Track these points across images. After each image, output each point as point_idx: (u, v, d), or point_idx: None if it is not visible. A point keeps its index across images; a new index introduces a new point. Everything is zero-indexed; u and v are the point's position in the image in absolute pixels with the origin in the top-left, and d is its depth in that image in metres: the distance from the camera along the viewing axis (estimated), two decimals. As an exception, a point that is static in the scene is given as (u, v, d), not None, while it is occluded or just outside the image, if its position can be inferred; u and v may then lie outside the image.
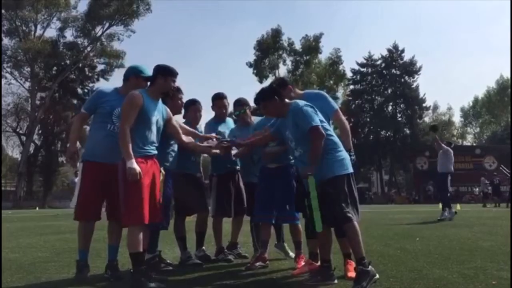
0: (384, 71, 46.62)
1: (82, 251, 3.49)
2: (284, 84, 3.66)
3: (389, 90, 46.53)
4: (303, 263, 3.74)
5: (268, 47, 43.78)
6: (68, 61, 39.89)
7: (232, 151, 3.97)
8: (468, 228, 7.47)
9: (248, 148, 3.94)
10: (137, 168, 3.01)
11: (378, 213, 14.33)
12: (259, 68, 43.86)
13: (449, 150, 9.76)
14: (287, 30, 73.94)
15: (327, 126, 3.25)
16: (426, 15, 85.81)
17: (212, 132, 4.19)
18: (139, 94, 3.18)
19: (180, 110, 4.03)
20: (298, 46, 44.63)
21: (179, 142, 3.74)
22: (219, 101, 4.45)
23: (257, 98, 3.49)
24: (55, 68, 39.96)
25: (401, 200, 36.80)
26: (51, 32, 50.77)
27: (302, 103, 3.25)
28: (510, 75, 46.37)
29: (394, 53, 46.48)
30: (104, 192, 3.44)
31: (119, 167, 3.10)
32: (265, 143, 3.74)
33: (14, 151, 47.36)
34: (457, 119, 57.96)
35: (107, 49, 40.05)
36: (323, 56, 45.31)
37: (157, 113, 3.27)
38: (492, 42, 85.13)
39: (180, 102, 3.98)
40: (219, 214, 4.34)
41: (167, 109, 3.49)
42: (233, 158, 4.25)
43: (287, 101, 3.38)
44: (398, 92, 45.56)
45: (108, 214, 3.52)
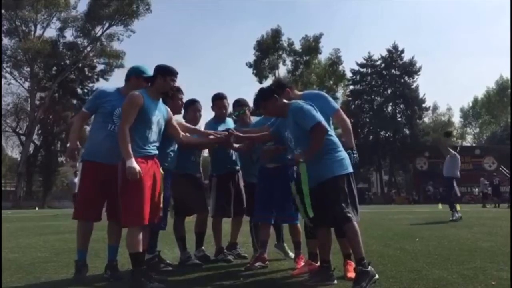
0: (383, 71, 46.65)
1: (80, 251, 3.49)
2: (282, 86, 3.57)
3: (389, 91, 46.56)
4: (302, 264, 3.74)
5: (268, 47, 43.83)
6: (67, 61, 39.92)
7: (234, 144, 3.94)
8: (468, 228, 7.47)
9: (248, 143, 3.93)
10: (137, 167, 3.00)
11: (378, 214, 14.33)
12: (259, 68, 43.90)
13: (456, 156, 9.96)
14: (287, 30, 74.07)
15: (327, 125, 3.25)
16: (426, 15, 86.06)
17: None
18: (139, 94, 3.18)
19: (180, 110, 4.03)
20: (298, 46, 44.75)
21: (179, 142, 3.74)
22: (219, 101, 4.44)
23: (257, 100, 3.47)
24: (54, 68, 39.99)
25: (401, 201, 36.82)
26: (51, 32, 50.95)
27: (302, 102, 3.25)
28: (510, 76, 46.49)
29: (394, 53, 46.50)
30: (104, 192, 3.44)
31: (119, 167, 3.10)
32: (264, 141, 3.73)
33: (13, 151, 47.49)
34: (456, 119, 58.10)
35: (107, 49, 40.08)
36: (323, 57, 45.51)
37: (158, 113, 3.27)
38: (492, 42, 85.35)
39: (180, 102, 3.98)
40: (218, 214, 4.34)
41: (168, 109, 3.49)
42: (233, 158, 4.25)
43: (286, 101, 3.38)
44: (397, 93, 45.59)
45: (108, 214, 3.52)
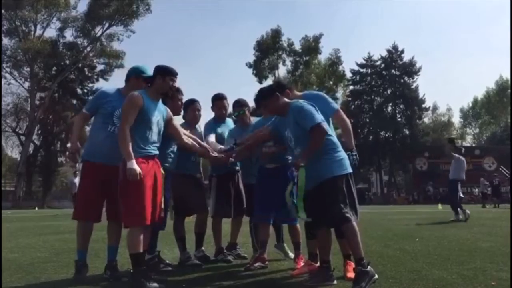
0: (383, 71, 46.64)
1: (80, 251, 3.49)
2: (282, 87, 3.56)
3: (389, 91, 46.54)
4: (302, 264, 3.74)
5: (268, 48, 43.79)
6: (67, 61, 39.88)
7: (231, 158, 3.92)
8: (468, 229, 7.48)
9: (247, 151, 3.93)
10: (137, 168, 3.00)
11: (378, 214, 14.33)
12: (259, 68, 43.86)
13: (460, 159, 10.04)
14: (287, 31, 74.03)
15: (327, 126, 3.25)
16: (426, 15, 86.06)
17: (212, 133, 4.21)
18: (139, 94, 3.18)
19: (179, 111, 4.03)
20: (297, 46, 44.70)
21: (179, 143, 3.74)
22: (219, 101, 4.45)
23: (258, 98, 3.48)
24: (54, 68, 39.94)
25: (401, 201, 36.81)
26: (50, 32, 50.84)
27: (303, 101, 3.26)
28: (510, 76, 46.52)
29: (394, 53, 46.49)
30: (104, 192, 3.44)
31: (120, 167, 3.10)
32: (262, 141, 3.73)
33: (13, 151, 47.40)
34: (456, 119, 58.12)
35: (106, 49, 40.04)
36: (323, 57, 45.44)
37: (157, 113, 3.27)
38: (492, 42, 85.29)
39: (180, 103, 3.98)
40: (218, 214, 4.34)
41: (168, 110, 3.49)
42: (232, 161, 4.25)
43: (287, 100, 3.38)
44: (397, 93, 45.58)
45: (108, 214, 3.51)
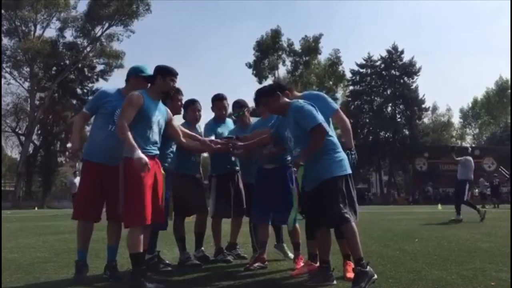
0: (383, 72, 46.59)
1: (81, 251, 3.49)
2: (282, 88, 3.52)
3: (389, 91, 46.50)
4: (302, 264, 3.74)
5: (268, 48, 43.75)
6: (67, 61, 39.83)
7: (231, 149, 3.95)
8: (467, 229, 7.48)
9: (247, 151, 3.94)
10: (144, 158, 2.98)
11: (377, 214, 14.33)
12: (259, 68, 43.82)
13: (467, 159, 10.02)
14: (287, 31, 73.82)
15: (327, 127, 3.26)
16: (426, 15, 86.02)
17: (212, 133, 4.20)
18: (139, 94, 3.18)
19: (179, 111, 4.03)
20: (297, 46, 44.65)
21: (178, 143, 3.74)
22: (219, 102, 4.45)
23: (259, 95, 3.48)
24: (54, 68, 39.88)
25: (401, 201, 36.81)
26: (50, 32, 50.76)
27: (303, 101, 3.26)
28: (510, 76, 46.50)
29: (394, 54, 46.45)
30: (104, 192, 3.44)
31: (120, 167, 3.10)
32: (263, 145, 3.73)
33: (13, 151, 47.36)
34: (456, 120, 58.11)
35: (106, 50, 40.00)
36: (323, 57, 45.36)
37: (158, 113, 3.27)
38: (492, 42, 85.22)
39: (180, 103, 3.99)
40: (218, 214, 4.34)
41: (168, 110, 3.49)
42: (232, 158, 4.27)
43: (287, 100, 3.38)
44: (397, 93, 45.54)
45: (108, 214, 3.51)
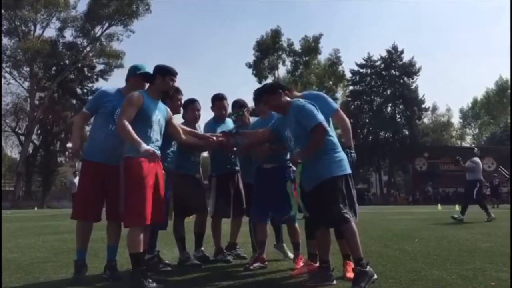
0: (383, 72, 46.58)
1: (80, 251, 3.49)
2: (282, 88, 3.48)
3: (388, 91, 46.49)
4: (302, 264, 3.74)
5: (268, 48, 43.73)
6: (67, 61, 39.81)
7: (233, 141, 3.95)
8: (467, 229, 7.48)
9: (246, 149, 3.93)
10: (151, 148, 3.05)
11: (377, 214, 14.33)
12: (259, 68, 43.81)
13: (473, 162, 10.02)
14: (287, 31, 73.84)
15: (328, 127, 3.25)
16: (426, 15, 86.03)
17: (211, 133, 4.20)
18: (139, 94, 3.19)
19: (179, 110, 4.03)
20: (297, 46, 44.62)
21: (179, 141, 3.74)
22: (218, 102, 4.45)
23: (260, 93, 3.47)
24: (54, 68, 39.86)
25: (401, 201, 36.80)
26: (50, 32, 50.87)
27: (304, 101, 3.26)
28: (510, 76, 46.50)
29: (394, 54, 46.44)
30: (104, 192, 3.44)
31: (121, 166, 3.09)
32: (263, 142, 3.73)
33: (13, 151, 47.36)
34: (456, 120, 58.15)
35: (106, 49, 39.98)
36: (323, 57, 45.34)
37: (158, 112, 3.28)
38: (492, 42, 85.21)
39: (179, 102, 3.99)
40: (218, 214, 4.34)
41: (168, 109, 3.49)
42: (232, 158, 4.26)
43: (288, 99, 3.37)
44: (397, 93, 45.53)
45: (108, 214, 3.51)
